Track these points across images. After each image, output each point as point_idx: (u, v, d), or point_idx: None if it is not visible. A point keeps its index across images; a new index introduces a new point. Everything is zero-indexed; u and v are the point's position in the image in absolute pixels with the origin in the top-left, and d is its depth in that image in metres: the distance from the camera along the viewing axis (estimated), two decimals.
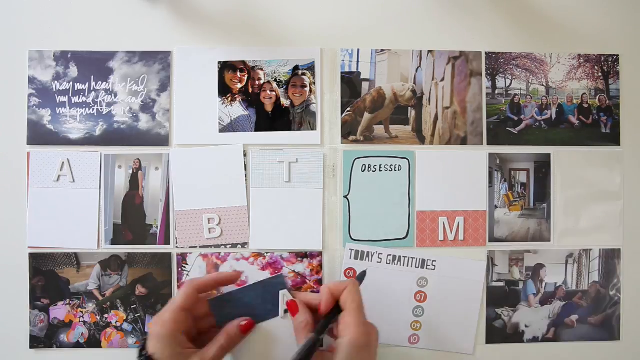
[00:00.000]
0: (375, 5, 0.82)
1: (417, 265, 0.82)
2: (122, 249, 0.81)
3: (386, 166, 0.82)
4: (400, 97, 0.82)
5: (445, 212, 0.82)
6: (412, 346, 0.82)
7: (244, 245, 0.82)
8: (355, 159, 0.82)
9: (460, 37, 0.83)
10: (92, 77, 0.82)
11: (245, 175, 0.81)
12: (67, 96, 0.81)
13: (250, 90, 0.82)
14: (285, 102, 0.82)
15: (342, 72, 0.82)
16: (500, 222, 0.83)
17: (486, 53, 0.83)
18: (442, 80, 0.83)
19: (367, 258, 0.81)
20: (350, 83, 0.82)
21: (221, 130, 0.81)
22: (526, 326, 0.83)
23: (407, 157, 0.82)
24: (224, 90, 0.82)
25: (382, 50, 0.82)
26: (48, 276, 0.81)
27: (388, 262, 0.82)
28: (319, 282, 0.82)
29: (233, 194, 0.81)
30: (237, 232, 0.81)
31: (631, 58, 0.84)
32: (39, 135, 0.81)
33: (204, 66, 0.82)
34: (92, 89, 0.81)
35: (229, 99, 0.81)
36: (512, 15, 0.83)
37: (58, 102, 0.81)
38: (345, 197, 0.81)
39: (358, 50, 0.82)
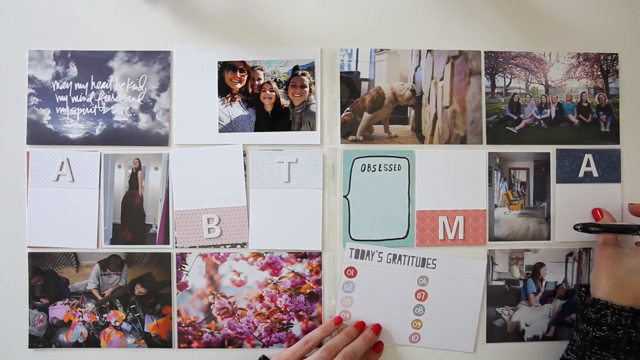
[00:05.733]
0: (376, 5, 0.83)
1: (417, 264, 0.81)
2: (121, 249, 0.81)
3: (386, 166, 0.82)
4: (399, 96, 0.83)
5: (445, 212, 0.82)
6: (412, 345, 0.82)
7: (243, 245, 0.82)
8: (355, 158, 0.82)
9: (460, 36, 0.83)
10: (92, 76, 0.82)
11: (245, 175, 0.81)
12: (66, 96, 0.81)
13: (250, 91, 0.82)
14: (284, 102, 0.82)
15: (341, 72, 0.82)
16: (500, 221, 0.83)
17: (485, 52, 0.83)
18: (442, 79, 0.83)
19: (368, 257, 0.81)
20: (350, 83, 0.82)
21: (221, 130, 0.81)
22: (526, 325, 0.83)
23: (407, 157, 0.82)
24: (224, 90, 0.82)
25: (381, 50, 0.82)
26: (47, 276, 0.81)
27: (388, 261, 0.81)
28: (318, 282, 0.82)
29: (232, 194, 0.81)
30: (237, 232, 0.81)
31: (630, 56, 0.84)
32: (38, 135, 0.81)
33: (203, 66, 0.82)
34: (91, 88, 0.82)
35: (229, 99, 0.82)
36: (511, 14, 0.83)
37: (58, 101, 0.81)
38: (345, 196, 0.81)
39: (357, 50, 0.82)
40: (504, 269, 0.83)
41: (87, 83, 0.82)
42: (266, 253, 0.82)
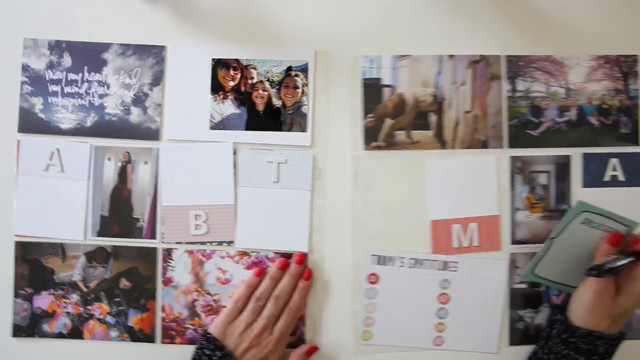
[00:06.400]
0: (376, 6, 0.82)
1: (439, 268, 0.81)
2: (108, 242, 0.81)
3: None
4: (421, 102, 0.82)
5: (458, 220, 0.82)
6: (437, 348, 0.82)
7: (229, 243, 0.81)
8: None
9: (480, 40, 0.82)
10: (86, 67, 0.81)
11: (234, 173, 0.81)
12: (59, 86, 0.81)
13: (243, 89, 0.81)
14: (277, 102, 0.81)
15: (363, 79, 0.81)
16: (522, 224, 0.82)
17: (506, 56, 0.82)
18: (463, 84, 0.82)
19: (390, 262, 0.81)
20: (371, 89, 0.81)
21: (212, 128, 0.81)
22: None
23: None
24: (217, 87, 0.81)
25: (403, 56, 0.82)
26: (33, 265, 0.81)
27: (410, 265, 0.81)
28: None
29: (221, 192, 0.81)
30: (224, 230, 0.81)
31: None
32: (30, 124, 0.81)
33: (197, 62, 0.81)
34: (85, 79, 0.81)
35: (221, 96, 0.81)
36: (531, 18, 0.82)
37: (50, 91, 0.81)
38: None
39: (379, 57, 0.82)
40: None
41: (81, 74, 0.81)
42: (252, 252, 0.81)
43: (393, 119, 0.82)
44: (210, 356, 0.74)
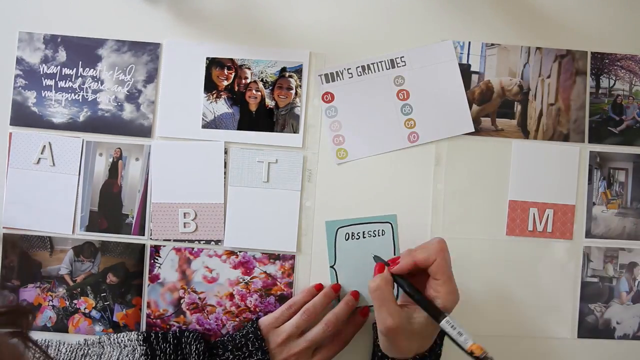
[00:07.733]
0: (374, 9, 0.82)
1: (387, 67, 0.82)
2: (96, 237, 0.81)
3: (370, 232, 0.82)
4: (507, 91, 0.84)
5: (536, 204, 0.84)
6: (413, 145, 0.82)
7: (217, 242, 0.81)
8: (338, 228, 0.82)
9: (568, 35, 0.84)
10: (80, 62, 0.82)
11: (225, 172, 0.81)
12: (53, 80, 0.81)
13: (236, 89, 0.82)
14: (269, 103, 0.81)
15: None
16: (598, 219, 0.84)
17: (592, 53, 0.84)
18: (549, 77, 0.84)
19: (339, 77, 0.82)
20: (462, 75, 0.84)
21: (204, 126, 0.81)
22: (617, 323, 0.84)
23: (390, 221, 0.82)
24: (210, 86, 0.81)
25: (492, 45, 0.84)
26: (20, 258, 0.81)
27: (359, 74, 0.82)
28: (289, 285, 0.82)
29: (211, 190, 0.81)
30: (212, 229, 0.81)
31: None
32: (22, 117, 0.81)
33: (192, 61, 0.82)
34: (79, 74, 0.82)
35: (214, 95, 0.81)
36: (620, 15, 0.84)
37: (44, 85, 0.81)
38: (332, 267, 0.82)
39: (469, 43, 0.83)
40: (598, 266, 0.84)
41: (75, 69, 0.82)
42: (240, 252, 0.82)
43: (479, 105, 0.84)
44: (252, 353, 0.75)
